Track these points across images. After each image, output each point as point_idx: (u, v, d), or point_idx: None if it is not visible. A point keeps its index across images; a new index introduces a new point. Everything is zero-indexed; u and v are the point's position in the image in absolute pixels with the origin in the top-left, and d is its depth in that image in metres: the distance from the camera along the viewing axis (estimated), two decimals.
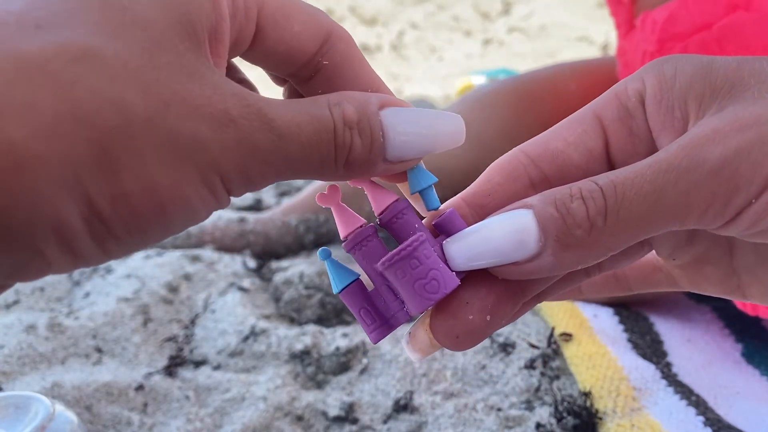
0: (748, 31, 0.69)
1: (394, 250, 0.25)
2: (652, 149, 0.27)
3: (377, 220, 0.28)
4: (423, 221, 0.28)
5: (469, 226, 0.26)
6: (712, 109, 0.25)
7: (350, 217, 0.27)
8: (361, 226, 0.27)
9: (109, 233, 0.21)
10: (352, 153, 0.24)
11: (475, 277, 0.26)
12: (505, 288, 0.26)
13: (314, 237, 1.01)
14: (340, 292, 0.27)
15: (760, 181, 0.23)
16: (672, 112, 0.26)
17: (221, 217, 1.01)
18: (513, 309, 0.27)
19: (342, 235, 0.27)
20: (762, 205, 0.23)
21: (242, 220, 1.00)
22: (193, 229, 0.99)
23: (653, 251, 0.31)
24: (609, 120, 0.28)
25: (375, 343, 0.27)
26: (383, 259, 0.25)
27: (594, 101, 0.28)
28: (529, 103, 0.99)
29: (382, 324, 0.27)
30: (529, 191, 0.27)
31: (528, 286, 0.27)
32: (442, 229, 0.27)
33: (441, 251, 0.26)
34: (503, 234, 0.25)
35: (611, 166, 0.28)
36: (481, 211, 0.28)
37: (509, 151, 0.28)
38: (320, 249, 0.27)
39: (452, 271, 0.26)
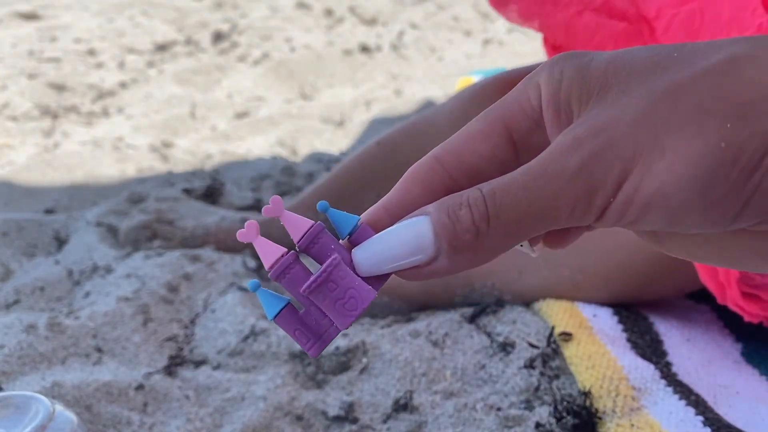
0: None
1: (312, 278, 0.28)
2: None
3: (296, 247, 0.30)
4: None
5: None
6: (585, 114, 0.27)
7: (272, 249, 0.29)
8: (282, 255, 0.29)
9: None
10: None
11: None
12: None
13: None
14: (274, 318, 0.30)
15: (614, 180, 0.25)
16: (559, 116, 0.28)
17: (224, 218, 1.01)
18: None
19: (266, 267, 0.29)
20: (619, 204, 0.26)
21: (244, 221, 1.00)
22: (196, 229, 0.99)
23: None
24: (518, 134, 0.30)
25: (315, 357, 0.30)
26: (304, 286, 0.28)
27: (502, 106, 0.30)
28: None
29: (317, 341, 0.29)
30: None
31: None
32: (356, 243, 0.30)
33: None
34: (402, 241, 0.28)
35: None
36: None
37: (424, 158, 0.30)
38: (250, 282, 0.30)
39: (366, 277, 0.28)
